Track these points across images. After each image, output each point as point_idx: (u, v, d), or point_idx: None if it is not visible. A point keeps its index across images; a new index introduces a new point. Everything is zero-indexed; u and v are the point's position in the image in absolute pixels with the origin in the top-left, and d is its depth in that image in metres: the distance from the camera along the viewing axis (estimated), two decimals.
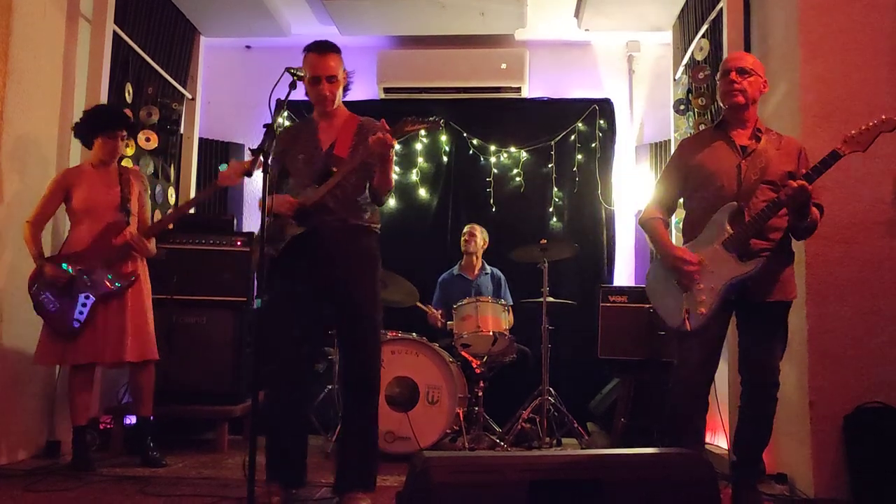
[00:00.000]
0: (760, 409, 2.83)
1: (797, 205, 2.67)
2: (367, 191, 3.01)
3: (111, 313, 3.59)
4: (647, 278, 3.07)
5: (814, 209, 2.75)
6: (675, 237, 4.20)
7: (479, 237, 5.17)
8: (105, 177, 3.73)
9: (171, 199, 5.14)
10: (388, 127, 2.79)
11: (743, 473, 2.88)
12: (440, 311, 5.07)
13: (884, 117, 2.67)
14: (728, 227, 2.79)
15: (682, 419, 2.87)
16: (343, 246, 2.94)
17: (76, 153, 4.13)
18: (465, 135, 5.82)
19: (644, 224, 3.05)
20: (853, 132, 2.69)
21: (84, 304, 3.55)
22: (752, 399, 2.85)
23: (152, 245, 3.72)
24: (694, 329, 2.79)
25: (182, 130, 5.41)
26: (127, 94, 4.57)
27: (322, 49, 2.92)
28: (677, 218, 3.99)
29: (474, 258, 5.17)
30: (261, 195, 2.67)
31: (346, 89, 3.06)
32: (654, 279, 3.02)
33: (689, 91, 4.71)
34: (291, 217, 2.89)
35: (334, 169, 2.90)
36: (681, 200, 3.13)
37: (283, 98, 2.79)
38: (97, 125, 3.73)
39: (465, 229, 5.22)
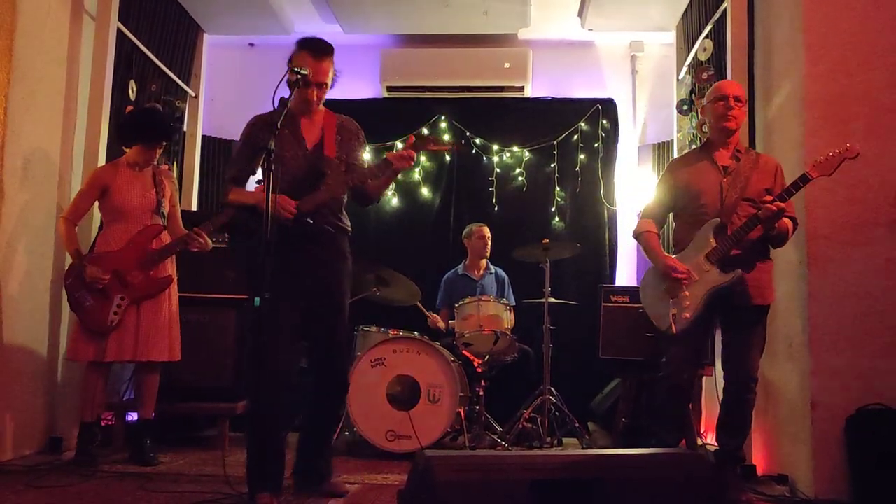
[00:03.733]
0: (741, 404, 3.09)
1: (773, 222, 2.98)
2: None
3: (145, 314, 3.65)
4: (641, 285, 3.37)
5: (787, 220, 3.05)
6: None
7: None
8: (141, 178, 3.78)
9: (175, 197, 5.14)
10: (411, 144, 2.92)
11: (726, 462, 3.12)
12: (442, 312, 5.07)
13: (848, 145, 2.93)
14: (712, 241, 3.08)
15: (668, 414, 3.22)
16: (331, 249, 3.00)
17: (80, 150, 4.14)
18: (467, 134, 5.82)
19: (638, 236, 3.35)
20: (821, 158, 2.96)
21: (119, 305, 3.58)
22: (733, 393, 3.10)
23: (207, 239, 3.70)
24: (679, 332, 3.08)
25: (185, 128, 5.43)
26: (130, 92, 4.58)
27: (319, 53, 2.89)
28: None
29: (481, 258, 5.16)
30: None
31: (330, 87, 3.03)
32: (646, 286, 3.31)
33: (692, 91, 4.71)
34: (288, 220, 2.81)
35: (327, 170, 2.93)
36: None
37: (286, 96, 2.80)
38: (138, 134, 3.77)
39: (476, 231, 5.14)
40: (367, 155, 3.12)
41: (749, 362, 3.05)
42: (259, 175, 2.81)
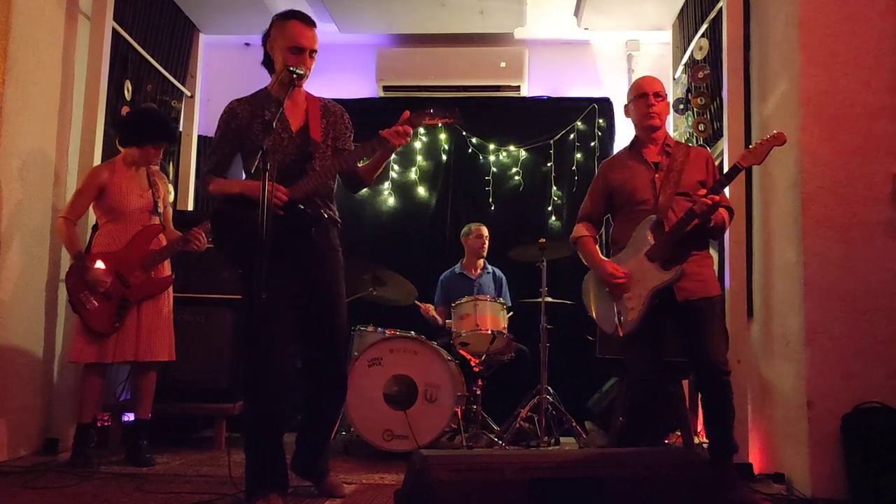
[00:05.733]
0: (716, 399, 3.01)
1: (708, 215, 2.95)
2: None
3: (146, 314, 3.65)
4: (583, 289, 3.32)
5: (723, 211, 3.04)
6: None
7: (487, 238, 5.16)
8: (138, 178, 3.77)
9: (170, 197, 5.14)
10: (407, 119, 2.80)
11: (719, 454, 3.03)
12: (439, 310, 5.07)
13: (775, 132, 2.95)
14: (650, 239, 3.04)
15: (643, 413, 3.16)
16: (324, 243, 2.91)
17: (75, 151, 4.13)
18: (464, 133, 5.82)
19: (575, 242, 3.32)
20: (751, 147, 2.98)
21: (121, 306, 3.58)
22: (707, 391, 3.06)
23: (204, 239, 3.70)
24: (626, 334, 3.04)
25: (181, 128, 5.41)
26: (126, 92, 4.57)
27: (308, 21, 2.87)
28: None
29: (478, 258, 5.17)
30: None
31: None
32: (588, 289, 3.28)
33: (688, 90, 4.71)
34: (279, 208, 2.70)
35: (315, 154, 2.85)
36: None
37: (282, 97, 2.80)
38: (148, 133, 3.74)
39: (474, 230, 5.16)
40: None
41: (715, 356, 2.95)
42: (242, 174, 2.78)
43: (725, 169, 3.64)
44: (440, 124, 2.97)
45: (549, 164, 5.77)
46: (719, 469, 2.96)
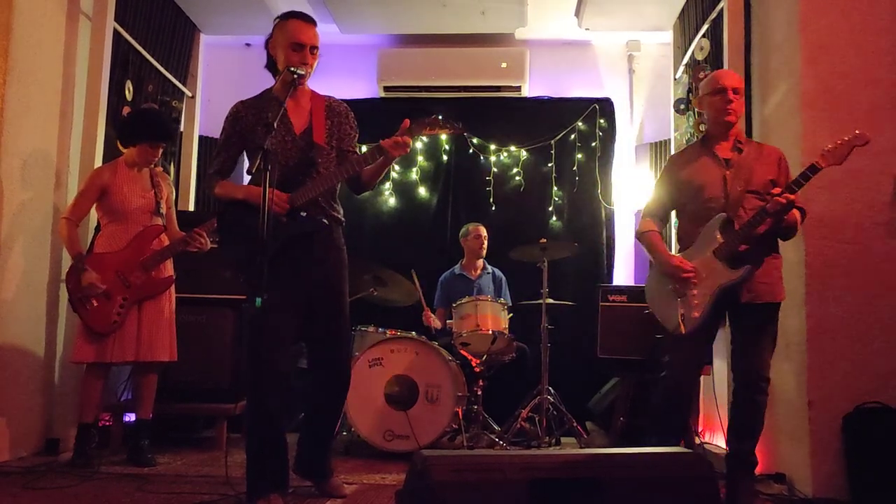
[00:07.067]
0: (751, 404, 2.96)
1: (782, 215, 2.86)
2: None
3: (147, 314, 3.66)
4: (647, 285, 3.26)
5: (795, 211, 2.91)
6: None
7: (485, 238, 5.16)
8: (140, 179, 3.78)
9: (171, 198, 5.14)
10: (406, 128, 2.77)
11: (737, 466, 2.96)
12: (439, 311, 5.07)
13: (857, 132, 2.84)
14: (718, 237, 2.96)
15: (670, 415, 3.08)
16: (327, 243, 2.92)
17: (76, 151, 4.14)
18: (465, 133, 5.81)
19: (641, 237, 3.24)
20: (830, 146, 2.84)
21: (122, 306, 3.59)
22: (744, 394, 2.98)
23: (206, 240, 3.71)
24: (688, 332, 2.97)
25: (182, 128, 5.42)
26: (127, 92, 4.57)
27: (308, 19, 2.89)
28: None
29: (477, 258, 5.17)
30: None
31: None
32: (651, 286, 3.21)
33: (689, 90, 4.71)
34: (282, 215, 2.75)
35: (318, 159, 2.86)
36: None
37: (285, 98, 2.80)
38: (143, 132, 3.75)
39: (473, 230, 5.16)
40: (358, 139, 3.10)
41: (760, 362, 2.92)
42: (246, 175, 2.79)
43: None
44: (445, 133, 2.95)
45: (549, 165, 5.77)
46: (737, 483, 2.91)
